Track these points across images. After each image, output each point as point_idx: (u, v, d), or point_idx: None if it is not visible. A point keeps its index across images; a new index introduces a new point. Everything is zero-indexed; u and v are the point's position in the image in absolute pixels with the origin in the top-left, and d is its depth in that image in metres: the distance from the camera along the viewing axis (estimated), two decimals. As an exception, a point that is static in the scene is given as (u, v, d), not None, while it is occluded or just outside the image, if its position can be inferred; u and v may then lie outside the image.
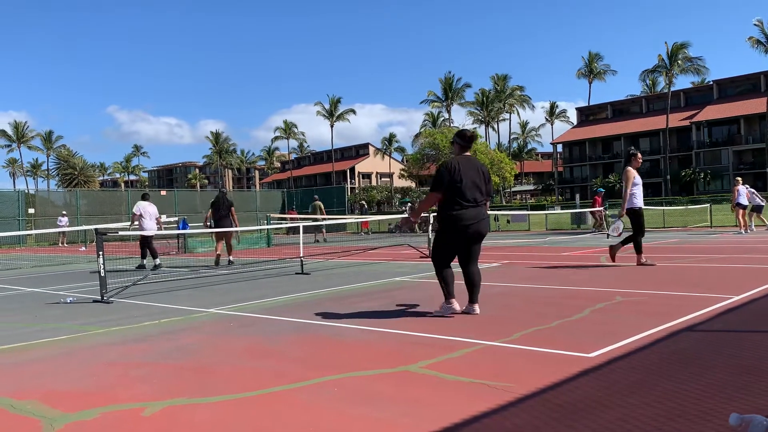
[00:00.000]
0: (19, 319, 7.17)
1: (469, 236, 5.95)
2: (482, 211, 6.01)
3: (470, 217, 5.87)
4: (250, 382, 3.96)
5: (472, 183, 5.91)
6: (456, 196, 5.86)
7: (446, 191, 5.90)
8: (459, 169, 5.88)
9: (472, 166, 6.03)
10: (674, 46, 65.33)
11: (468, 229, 5.90)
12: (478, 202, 5.95)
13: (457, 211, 5.86)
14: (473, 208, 5.91)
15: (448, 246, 6.08)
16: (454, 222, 5.88)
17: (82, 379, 4.24)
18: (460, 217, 5.85)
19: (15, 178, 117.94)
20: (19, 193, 33.18)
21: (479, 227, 5.97)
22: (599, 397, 3.35)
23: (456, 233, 5.94)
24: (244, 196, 45.52)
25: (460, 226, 5.88)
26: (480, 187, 5.98)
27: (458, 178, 5.84)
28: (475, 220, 5.90)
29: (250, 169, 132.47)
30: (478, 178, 5.98)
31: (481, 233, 6.04)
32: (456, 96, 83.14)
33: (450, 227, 5.93)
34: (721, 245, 14.67)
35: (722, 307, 6.00)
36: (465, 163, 5.99)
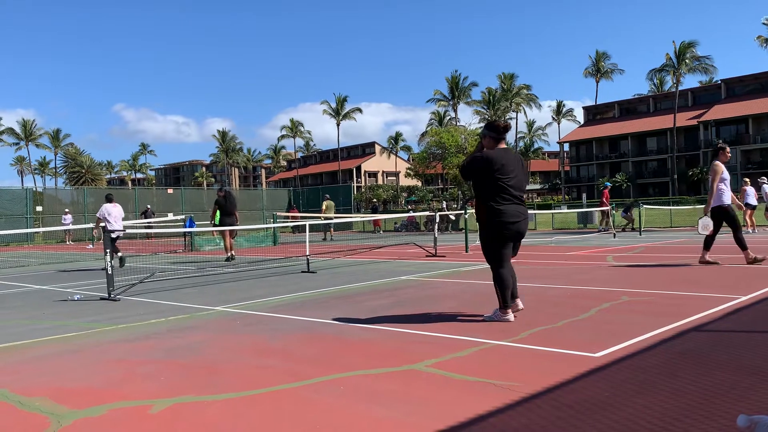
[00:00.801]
0: (28, 316, 7.21)
1: (511, 234, 5.61)
2: (524, 207, 5.71)
3: (515, 214, 5.57)
4: (256, 379, 3.97)
5: (516, 178, 5.58)
6: (501, 191, 5.50)
7: (482, 182, 5.58)
8: (504, 163, 5.51)
9: (515, 159, 5.67)
10: (682, 45, 65.07)
11: (511, 227, 5.57)
12: (522, 200, 5.66)
13: (502, 206, 5.51)
14: (518, 204, 5.61)
15: (498, 244, 5.66)
16: (497, 218, 5.53)
17: (89, 376, 4.27)
18: (505, 213, 5.51)
19: (23, 176, 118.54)
20: (27, 191, 33.37)
21: (521, 227, 5.66)
22: (606, 397, 3.34)
23: (502, 231, 5.57)
24: (251, 194, 45.60)
25: (503, 223, 5.53)
26: (523, 183, 5.68)
27: (504, 172, 5.48)
28: (518, 218, 5.60)
29: (257, 167, 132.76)
30: (521, 172, 5.67)
31: (522, 233, 5.71)
32: (462, 95, 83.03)
33: (495, 225, 5.57)
34: (729, 245, 14.59)
35: (730, 307, 5.98)
36: (507, 156, 5.60)
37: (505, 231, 5.56)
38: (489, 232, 5.64)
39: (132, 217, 32.63)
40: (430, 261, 12.69)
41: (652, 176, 73.18)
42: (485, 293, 7.58)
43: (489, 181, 5.52)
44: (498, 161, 5.49)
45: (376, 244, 19.19)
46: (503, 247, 5.65)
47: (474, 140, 42.92)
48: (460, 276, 9.69)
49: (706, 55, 67.25)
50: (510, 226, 5.54)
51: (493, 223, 5.55)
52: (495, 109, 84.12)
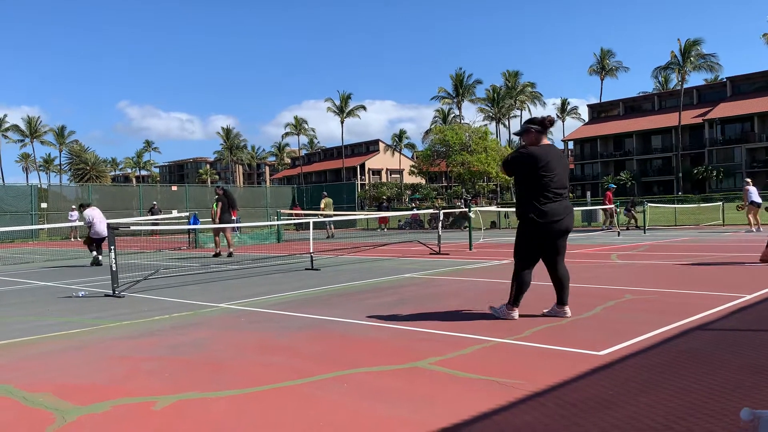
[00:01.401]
0: (32, 312, 7.24)
1: (557, 232, 5.46)
2: (568, 203, 5.56)
3: (560, 211, 5.40)
4: (260, 377, 3.98)
5: (560, 175, 5.43)
6: (544, 189, 5.34)
7: (525, 179, 5.43)
8: (548, 160, 5.35)
9: (558, 156, 5.50)
10: (687, 43, 64.85)
11: (558, 225, 5.41)
12: (566, 195, 5.52)
13: (547, 204, 5.35)
14: (562, 200, 5.45)
15: (533, 244, 5.54)
16: (542, 217, 5.36)
17: (93, 372, 4.28)
18: (551, 212, 5.36)
19: (28, 172, 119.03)
20: (32, 188, 33.41)
21: (568, 222, 5.50)
22: (610, 395, 3.34)
23: (543, 230, 5.41)
24: (255, 192, 45.60)
25: (550, 222, 5.37)
26: (565, 179, 5.52)
27: (548, 170, 5.33)
28: (564, 215, 5.43)
29: (261, 164, 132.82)
30: (564, 169, 5.52)
31: (569, 228, 5.56)
32: (467, 92, 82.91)
33: (537, 223, 5.39)
34: (733, 244, 14.56)
35: (734, 305, 5.96)
36: (551, 153, 5.44)
37: (551, 229, 5.41)
38: (528, 230, 5.50)
39: (137, 214, 32.72)
40: (434, 259, 12.69)
41: (656, 174, 72.99)
42: (489, 291, 7.58)
43: (533, 178, 5.37)
44: (542, 158, 5.34)
45: (380, 242, 19.19)
46: (536, 248, 5.55)
47: (478, 138, 42.93)
48: (464, 274, 9.69)
49: (712, 53, 67.17)
50: (555, 225, 5.40)
51: (537, 222, 5.39)
52: (499, 106, 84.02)
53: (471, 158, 40.95)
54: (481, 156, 40.84)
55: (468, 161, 41.12)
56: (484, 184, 47.55)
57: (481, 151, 41.22)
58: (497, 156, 41.74)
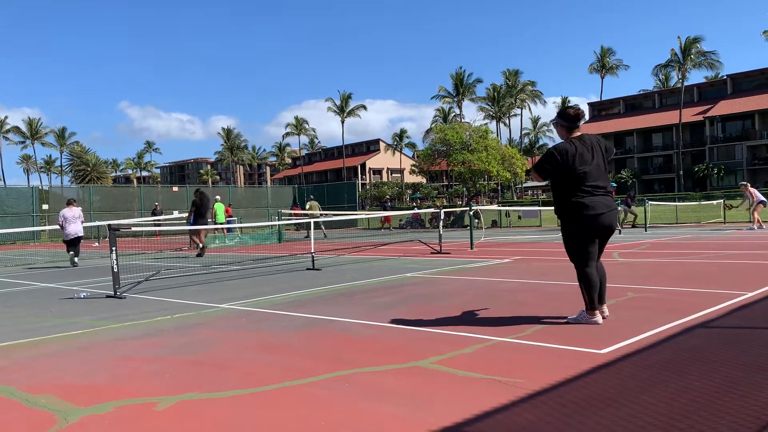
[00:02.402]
0: (34, 314, 7.24)
1: (599, 227, 5.16)
2: (611, 199, 5.26)
3: (601, 205, 5.12)
4: (262, 377, 3.98)
5: (597, 166, 5.14)
6: (580, 183, 5.10)
7: (561, 177, 5.19)
8: (578, 152, 5.10)
9: (591, 146, 5.19)
10: (687, 41, 64.74)
11: (599, 219, 5.11)
12: (607, 190, 5.22)
13: (585, 198, 5.10)
14: (603, 195, 5.17)
15: (582, 241, 5.24)
16: (582, 211, 5.10)
17: (95, 373, 4.28)
18: (591, 205, 5.09)
19: (29, 174, 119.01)
20: (33, 189, 33.44)
21: (611, 217, 5.20)
22: (611, 393, 3.33)
23: (586, 225, 5.15)
24: (256, 192, 45.60)
25: (590, 216, 5.09)
26: (602, 170, 5.20)
27: (581, 163, 5.08)
28: (606, 210, 5.14)
29: (262, 165, 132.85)
30: (600, 158, 5.19)
31: (612, 225, 5.25)
32: (467, 91, 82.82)
33: (578, 218, 5.15)
34: (735, 241, 14.55)
35: (735, 303, 5.96)
36: (582, 144, 5.17)
37: (592, 224, 5.14)
38: (572, 227, 5.26)
39: (138, 215, 32.72)
40: (435, 258, 12.69)
41: (657, 172, 72.93)
42: (490, 290, 7.59)
43: (566, 174, 5.14)
44: (571, 152, 5.11)
45: (381, 241, 19.19)
46: (588, 243, 5.24)
47: (478, 137, 42.90)
48: (465, 273, 9.68)
49: (712, 51, 66.87)
50: (597, 219, 5.11)
51: (578, 218, 5.16)
52: (500, 105, 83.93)
53: (472, 157, 40.90)
54: (481, 155, 40.78)
55: (469, 160, 41.09)
56: (485, 182, 47.51)
57: (482, 150, 41.16)
58: (498, 155, 41.70)
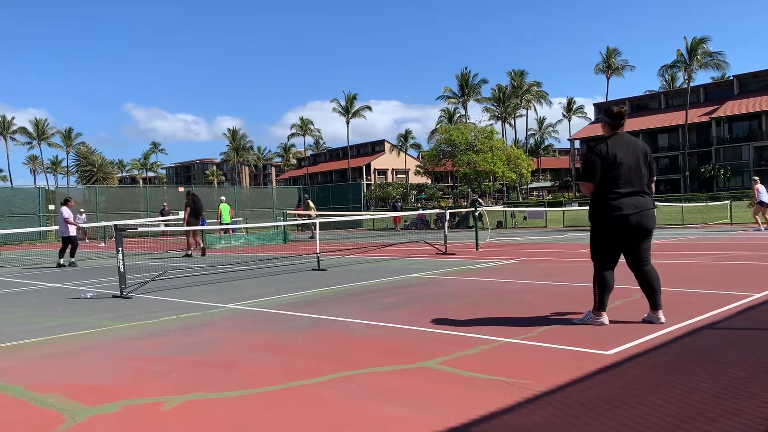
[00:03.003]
0: (41, 314, 7.27)
1: (631, 230, 5.05)
2: (646, 200, 5.12)
3: (630, 205, 5.02)
4: (268, 377, 3.99)
5: (628, 167, 5.05)
6: (611, 183, 5.05)
7: (598, 179, 5.11)
8: (611, 151, 5.05)
9: (629, 146, 5.12)
10: (693, 41, 64.50)
11: (627, 221, 5.02)
12: (639, 190, 5.10)
13: (614, 200, 5.04)
14: (633, 195, 5.06)
15: (606, 243, 5.20)
16: (609, 212, 5.05)
17: (102, 373, 4.30)
18: (618, 206, 5.02)
19: (35, 174, 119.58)
20: (40, 190, 33.60)
21: (642, 218, 5.05)
22: (618, 394, 3.33)
23: (611, 227, 5.10)
24: (261, 192, 45.68)
25: (616, 217, 5.03)
26: (641, 171, 5.10)
27: (615, 162, 5.02)
28: (636, 210, 5.02)
29: (267, 165, 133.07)
30: (635, 159, 5.10)
31: (646, 226, 5.10)
32: (472, 92, 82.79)
33: (606, 220, 5.11)
34: (741, 242, 14.50)
35: (742, 304, 5.94)
36: (618, 144, 5.11)
37: (619, 225, 5.06)
38: (598, 227, 5.23)
39: (144, 215, 32.80)
40: (440, 259, 12.68)
41: (663, 173, 72.65)
42: (495, 291, 7.57)
43: (603, 174, 5.08)
44: (604, 151, 5.07)
45: (386, 242, 19.19)
46: (611, 245, 5.19)
47: (484, 138, 42.85)
48: (471, 274, 9.67)
49: (719, 51, 66.65)
50: (626, 220, 5.02)
51: (605, 218, 5.12)
52: (505, 106, 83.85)
53: (477, 158, 40.89)
54: (487, 155, 40.76)
55: (474, 161, 41.07)
56: (490, 183, 47.47)
57: (487, 151, 41.14)
58: (503, 155, 41.65)
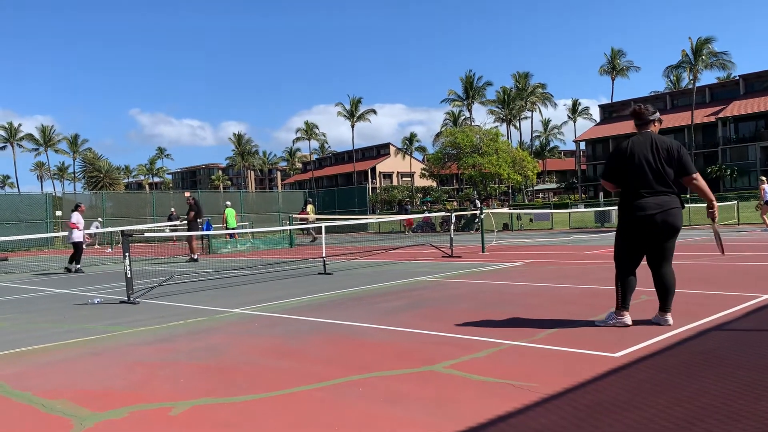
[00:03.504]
0: (49, 319, 7.30)
1: (653, 230, 5.00)
2: (668, 199, 5.01)
3: (654, 205, 4.96)
4: (275, 381, 3.99)
5: (648, 165, 4.99)
6: (631, 183, 5.03)
7: (619, 177, 5.12)
8: (629, 150, 5.04)
9: (650, 144, 5.05)
10: (699, 41, 64.31)
11: (651, 221, 4.97)
12: (662, 190, 5.00)
13: (634, 200, 5.01)
14: (654, 195, 4.99)
15: (627, 243, 5.17)
16: (630, 213, 5.03)
17: (110, 378, 4.31)
18: (638, 206, 4.98)
19: (42, 181, 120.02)
20: (47, 196, 33.74)
21: (668, 216, 4.97)
22: (626, 397, 3.32)
23: (635, 227, 5.05)
24: (267, 197, 45.80)
25: (639, 217, 4.98)
26: (662, 170, 4.99)
27: (629, 161, 5.02)
28: (660, 209, 4.95)
29: (272, 170, 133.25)
30: (656, 158, 5.00)
31: (670, 225, 4.99)
32: (477, 94, 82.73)
33: (628, 220, 5.08)
34: (749, 243, 14.44)
35: (750, 306, 5.91)
36: (640, 142, 5.07)
37: (642, 224, 5.01)
38: (621, 226, 5.23)
39: (150, 220, 32.91)
40: (446, 261, 12.67)
41: (670, 174, 72.41)
42: (502, 293, 7.56)
43: (621, 174, 5.11)
44: (623, 149, 5.09)
45: (392, 245, 19.19)
46: (636, 244, 5.15)
47: (489, 140, 42.84)
48: (477, 276, 9.66)
49: (724, 51, 66.39)
50: (649, 219, 4.97)
51: (628, 217, 5.09)
52: (510, 108, 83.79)
53: (482, 160, 40.91)
54: (492, 158, 40.78)
55: (479, 163, 41.07)
56: (495, 185, 47.45)
57: (492, 153, 41.17)
58: (508, 158, 41.62)
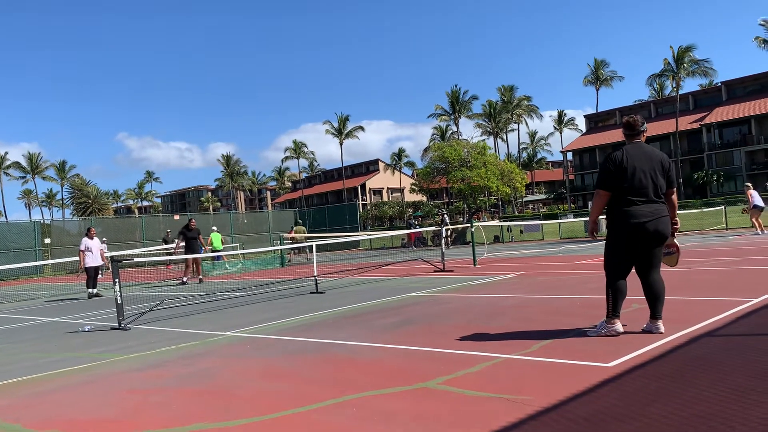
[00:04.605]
0: (39, 349, 7.23)
1: (645, 237, 5.10)
2: (658, 207, 5.15)
3: (644, 213, 5.06)
4: (269, 404, 3.97)
5: (643, 175, 5.09)
6: (626, 192, 5.10)
7: (614, 187, 5.16)
8: (625, 160, 5.10)
9: (645, 155, 5.17)
10: (680, 50, 65.13)
11: (644, 229, 5.06)
12: (652, 198, 5.12)
13: (627, 208, 5.09)
14: (647, 203, 5.10)
15: (620, 251, 5.22)
16: (624, 221, 5.10)
17: (103, 407, 4.27)
18: (632, 214, 5.07)
19: (30, 208, 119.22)
20: (35, 224, 33.50)
21: (659, 224, 5.09)
22: (621, 407, 3.32)
23: (628, 235, 5.12)
24: (257, 217, 45.71)
25: (633, 225, 5.06)
26: (655, 180, 5.13)
27: (627, 171, 5.08)
28: (650, 218, 5.06)
29: (262, 189, 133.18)
30: (651, 168, 5.13)
31: (660, 232, 5.12)
32: (463, 108, 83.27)
33: (620, 228, 5.15)
34: (738, 247, 14.54)
35: (740, 311, 5.94)
36: (634, 152, 5.16)
37: (636, 233, 5.09)
38: (614, 235, 5.25)
39: (140, 245, 32.73)
40: (438, 276, 12.67)
41: (657, 181, 72.93)
42: (495, 307, 7.56)
43: (615, 183, 5.15)
44: (618, 159, 5.13)
45: (384, 261, 19.17)
46: (627, 252, 5.21)
47: (476, 153, 43.06)
48: (469, 290, 9.66)
49: (705, 58, 67.31)
50: (642, 227, 5.06)
51: (622, 226, 5.14)
52: (496, 121, 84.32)
53: (471, 173, 41.08)
54: (480, 171, 40.95)
55: (468, 176, 41.24)
56: (485, 198, 47.61)
57: (481, 166, 41.34)
58: (496, 170, 41.82)
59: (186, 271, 17.09)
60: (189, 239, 17.36)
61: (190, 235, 17.39)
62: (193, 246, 17.32)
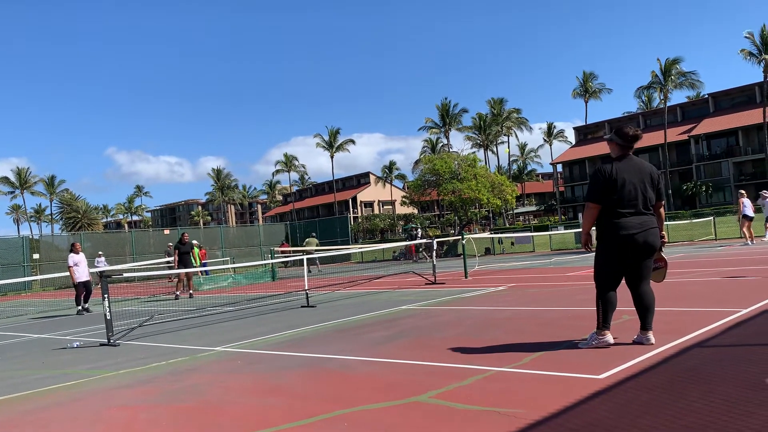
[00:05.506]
0: (27, 366, 7.14)
1: (635, 249, 5.13)
2: (649, 218, 5.21)
3: (633, 225, 5.10)
4: (259, 420, 3.93)
5: (634, 188, 5.14)
6: (615, 204, 5.13)
7: (603, 199, 5.18)
8: (616, 173, 5.14)
9: (634, 168, 5.22)
10: (667, 62, 65.85)
11: (633, 240, 5.09)
12: (641, 210, 5.16)
13: (617, 219, 5.12)
14: (636, 215, 5.13)
15: (610, 263, 5.24)
16: (613, 232, 5.13)
17: (92, 425, 4.22)
18: (622, 226, 5.10)
19: (19, 224, 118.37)
20: (24, 239, 33.27)
21: (648, 236, 5.14)
22: (612, 419, 3.31)
23: (618, 246, 5.14)
24: (248, 231, 45.51)
25: (623, 237, 5.09)
26: (645, 193, 5.19)
27: (616, 184, 5.11)
28: (640, 229, 5.10)
29: (253, 203, 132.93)
30: (640, 181, 5.18)
31: (650, 244, 5.16)
32: (453, 121, 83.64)
33: (611, 240, 5.17)
34: (728, 258, 14.62)
35: (730, 321, 5.97)
36: (624, 165, 5.21)
37: (627, 244, 5.11)
38: (604, 246, 5.27)
39: (130, 260, 32.52)
40: (429, 289, 12.66)
41: (646, 192, 73.34)
42: (486, 319, 7.56)
43: (606, 195, 5.16)
44: (608, 172, 5.16)
45: (375, 275, 19.13)
46: (617, 265, 5.23)
47: (467, 166, 43.24)
48: (461, 303, 9.66)
49: (692, 71, 68.07)
50: (632, 239, 5.09)
51: (612, 238, 5.16)
52: (486, 134, 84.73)
53: (461, 186, 41.24)
54: (471, 183, 41.13)
55: (458, 189, 41.39)
56: (476, 210, 47.75)
57: (471, 179, 41.53)
58: (487, 182, 41.99)
59: (178, 285, 17.02)
60: (182, 254, 17.32)
61: (183, 250, 17.36)
62: (185, 260, 17.27)
